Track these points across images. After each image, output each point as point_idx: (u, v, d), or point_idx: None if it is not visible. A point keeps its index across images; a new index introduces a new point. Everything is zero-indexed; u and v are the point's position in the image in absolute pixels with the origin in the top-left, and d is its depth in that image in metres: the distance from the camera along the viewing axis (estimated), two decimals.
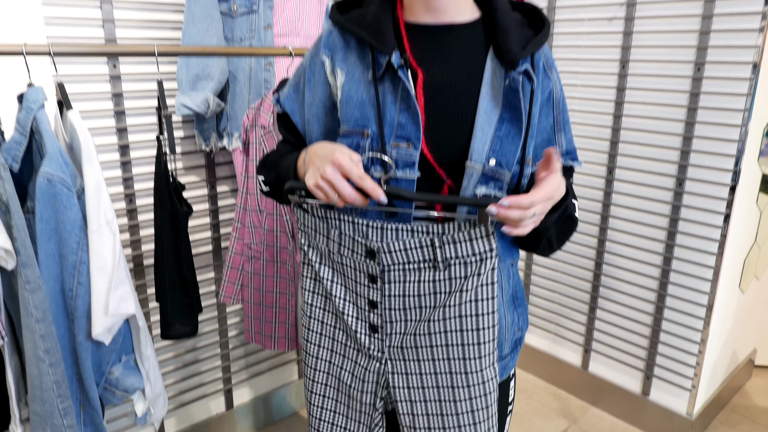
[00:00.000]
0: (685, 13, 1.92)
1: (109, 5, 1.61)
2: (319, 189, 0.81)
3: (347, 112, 0.90)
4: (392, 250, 0.85)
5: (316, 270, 0.94)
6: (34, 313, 1.01)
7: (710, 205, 1.96)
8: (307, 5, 1.82)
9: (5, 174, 0.99)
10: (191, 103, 1.63)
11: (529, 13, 0.96)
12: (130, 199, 1.77)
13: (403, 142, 0.87)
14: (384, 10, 0.90)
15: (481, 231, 0.82)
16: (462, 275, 0.85)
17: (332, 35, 0.94)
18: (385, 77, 0.88)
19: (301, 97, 0.99)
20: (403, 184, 0.88)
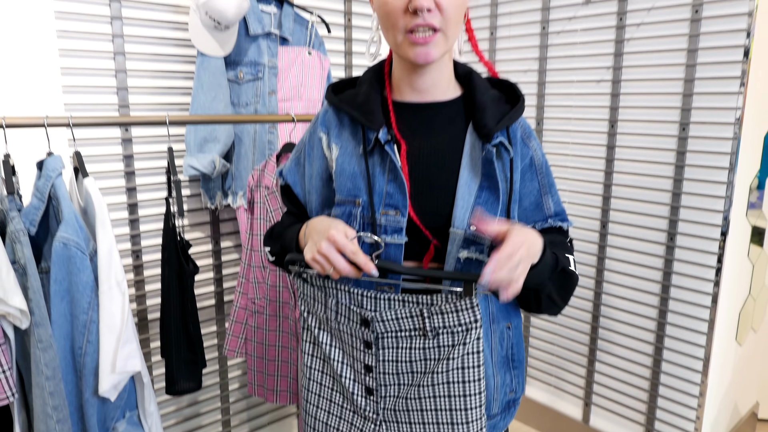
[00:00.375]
0: (669, 76, 2.03)
1: (123, 74, 1.71)
2: (316, 262, 0.88)
3: (341, 183, 0.97)
4: (385, 319, 0.91)
5: (315, 335, 0.99)
6: (44, 370, 1.06)
7: (702, 259, 2.01)
8: (310, 71, 1.93)
9: (24, 239, 1.06)
10: (198, 164, 1.71)
11: (506, 89, 1.05)
12: (137, 255, 1.83)
13: (391, 209, 0.94)
14: (374, 90, 0.99)
15: (466, 303, 0.87)
16: (449, 344, 0.90)
17: (328, 114, 1.03)
18: (374, 151, 0.96)
19: (301, 170, 1.07)
20: (392, 248, 0.94)
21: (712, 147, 1.95)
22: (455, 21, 0.91)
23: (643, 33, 2.09)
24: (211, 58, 1.71)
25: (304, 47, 1.92)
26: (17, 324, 1.07)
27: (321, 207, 1.03)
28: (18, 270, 1.06)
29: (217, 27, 1.65)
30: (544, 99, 2.41)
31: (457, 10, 0.90)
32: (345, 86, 1.06)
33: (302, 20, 1.94)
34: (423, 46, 0.89)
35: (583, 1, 2.24)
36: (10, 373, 1.07)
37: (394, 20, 0.89)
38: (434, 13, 0.87)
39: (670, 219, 2.07)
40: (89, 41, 1.67)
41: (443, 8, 0.88)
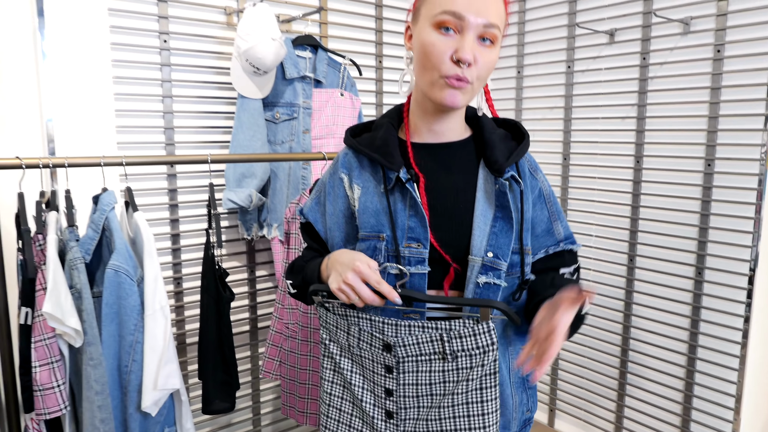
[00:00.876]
0: (693, 113, 2.07)
1: (170, 115, 1.87)
2: (342, 292, 0.96)
3: (365, 220, 1.06)
4: (406, 344, 0.97)
5: (336, 361, 1.06)
6: (94, 386, 1.16)
7: (732, 294, 2.01)
8: (342, 111, 2.05)
9: (81, 266, 1.18)
10: (236, 198, 1.83)
11: (511, 128, 1.13)
12: (178, 282, 1.96)
13: (413, 242, 1.02)
14: (391, 134, 1.08)
15: (483, 327, 0.94)
16: (468, 366, 0.96)
17: (347, 156, 1.13)
18: (395, 189, 1.04)
19: (322, 209, 1.16)
20: (416, 278, 1.02)
21: (738, 182, 1.97)
22: (483, 78, 1.00)
23: (666, 71, 2.15)
24: (251, 99, 1.85)
25: (336, 89, 2.05)
26: (72, 342, 1.18)
27: (344, 242, 1.11)
28: (74, 294, 1.18)
29: (256, 72, 1.79)
30: (570, 135, 2.47)
31: (488, 70, 1.00)
32: (362, 130, 1.15)
33: (335, 64, 2.07)
34: (455, 90, 0.97)
35: (607, 40, 2.31)
36: (64, 387, 1.18)
37: (437, 63, 0.97)
38: (472, 67, 0.96)
39: (698, 254, 2.08)
40: (141, 86, 1.83)
41: (479, 65, 0.97)
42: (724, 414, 2.05)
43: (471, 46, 0.94)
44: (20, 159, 1.24)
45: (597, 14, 2.34)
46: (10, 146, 1.63)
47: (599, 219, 2.39)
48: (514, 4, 2.64)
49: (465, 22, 0.94)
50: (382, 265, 1.02)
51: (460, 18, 0.94)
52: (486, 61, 0.97)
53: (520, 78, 2.65)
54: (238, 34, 1.75)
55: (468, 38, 0.94)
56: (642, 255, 2.25)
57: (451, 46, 0.95)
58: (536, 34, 2.58)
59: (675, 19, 2.07)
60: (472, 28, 0.94)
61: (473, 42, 0.95)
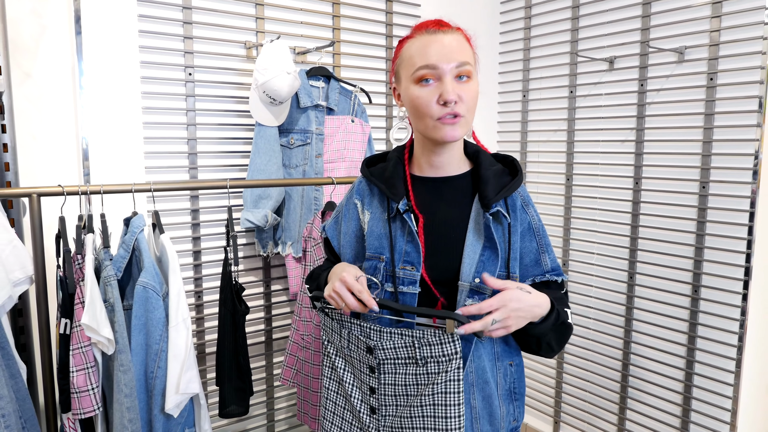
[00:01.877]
0: (688, 138, 2.16)
1: (194, 142, 2.03)
2: (331, 298, 1.11)
3: (370, 242, 1.20)
4: (385, 347, 1.11)
5: (333, 360, 1.21)
6: (124, 389, 1.31)
7: (726, 312, 2.09)
8: (352, 137, 2.19)
9: (114, 283, 1.33)
10: (253, 218, 1.98)
11: (509, 164, 1.25)
12: (198, 295, 2.11)
13: (408, 265, 1.16)
14: (397, 166, 1.22)
15: (449, 337, 1.06)
16: (435, 371, 1.09)
17: (362, 184, 1.28)
18: (396, 217, 1.18)
19: (339, 227, 1.31)
20: (407, 296, 1.15)
21: (731, 204, 2.06)
22: (472, 109, 1.14)
23: (663, 97, 2.25)
24: (267, 127, 2.00)
25: (347, 116, 2.20)
26: (105, 350, 1.33)
27: (353, 259, 1.27)
28: (108, 307, 1.33)
29: (272, 102, 1.94)
30: (572, 156, 2.58)
31: (474, 101, 1.13)
32: (377, 160, 1.30)
33: (346, 92, 2.22)
34: (451, 126, 1.11)
35: (607, 67, 2.42)
36: (97, 389, 1.33)
37: (427, 111, 1.11)
38: (459, 103, 1.10)
39: (695, 272, 2.17)
40: (168, 115, 2.00)
41: (464, 99, 1.10)
42: (720, 428, 2.13)
43: (452, 87, 1.09)
44: (62, 187, 1.40)
45: (597, 42, 2.45)
46: (51, 170, 1.80)
47: (600, 237, 2.49)
48: (519, 32, 2.77)
49: (440, 70, 1.09)
50: (369, 279, 1.16)
51: (434, 68, 1.09)
52: (469, 95, 1.11)
53: (526, 102, 2.77)
54: (256, 68, 1.91)
55: (447, 81, 1.09)
56: (641, 273, 2.34)
57: (435, 93, 1.10)
58: (540, 60, 2.70)
59: (670, 48, 2.17)
60: (448, 72, 1.09)
61: (452, 83, 1.09)
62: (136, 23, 1.91)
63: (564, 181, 2.63)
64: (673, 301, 2.24)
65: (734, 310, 2.07)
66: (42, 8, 1.75)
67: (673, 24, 2.20)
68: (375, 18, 2.43)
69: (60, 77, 1.80)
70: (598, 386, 2.53)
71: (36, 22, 1.75)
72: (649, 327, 2.33)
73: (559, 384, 2.71)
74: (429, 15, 2.59)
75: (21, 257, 1.43)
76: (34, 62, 1.75)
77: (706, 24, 2.11)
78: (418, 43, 1.11)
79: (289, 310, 2.34)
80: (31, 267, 1.45)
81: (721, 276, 2.09)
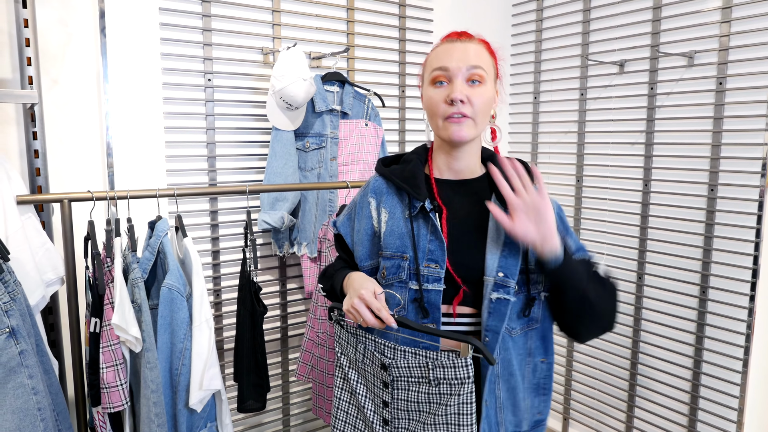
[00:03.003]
0: (697, 141, 2.19)
1: (213, 145, 2.10)
2: (350, 313, 1.14)
3: (390, 241, 1.23)
4: (399, 366, 1.15)
5: (346, 372, 1.24)
6: (150, 385, 1.38)
7: (734, 313, 2.12)
8: (366, 140, 2.24)
9: (141, 284, 1.41)
10: (270, 220, 2.05)
11: None
12: (217, 293, 2.18)
13: (432, 263, 1.19)
14: (419, 168, 1.26)
15: (462, 361, 1.09)
16: (448, 392, 1.12)
17: (378, 182, 1.31)
18: (419, 216, 1.22)
19: (352, 224, 1.35)
20: (432, 293, 1.18)
21: (739, 207, 2.09)
22: (482, 113, 1.18)
23: (672, 101, 2.28)
24: (284, 131, 2.06)
25: (361, 119, 2.25)
26: (132, 348, 1.41)
27: (366, 257, 1.29)
28: (135, 308, 1.41)
29: (289, 108, 2.00)
30: (583, 158, 2.62)
31: (484, 105, 1.17)
32: (391, 162, 1.35)
33: (360, 96, 2.27)
34: (457, 125, 1.16)
35: (617, 71, 2.45)
36: (125, 385, 1.40)
37: (436, 109, 1.17)
38: (466, 104, 1.15)
39: (702, 273, 2.20)
40: (188, 120, 2.07)
41: (473, 101, 1.16)
42: (727, 426, 2.16)
43: (460, 88, 1.15)
44: (91, 192, 1.47)
45: (608, 46, 2.48)
46: (77, 173, 1.88)
47: (609, 238, 2.53)
48: (531, 34, 2.80)
49: (451, 72, 1.15)
50: (393, 286, 1.20)
51: (446, 69, 1.15)
52: (479, 99, 1.16)
53: (537, 104, 2.81)
54: (273, 75, 1.97)
55: (457, 83, 1.15)
56: (650, 273, 2.38)
57: (445, 93, 1.16)
58: (551, 63, 2.74)
59: (680, 53, 2.20)
60: (459, 74, 1.15)
61: (462, 85, 1.15)
62: (158, 31, 1.97)
63: (574, 183, 2.66)
64: (681, 301, 2.28)
65: (742, 311, 2.10)
66: (68, 17, 1.82)
67: (682, 29, 2.22)
68: (388, 23, 2.48)
69: (86, 84, 1.88)
70: (607, 384, 2.58)
71: (63, 30, 1.82)
72: (657, 327, 2.37)
73: (568, 381, 2.76)
74: (441, 21, 2.65)
75: (53, 259, 1.50)
76: (61, 70, 1.83)
77: (716, 29, 2.13)
78: (439, 50, 1.19)
79: (305, 308, 2.40)
80: (62, 268, 1.52)
81: (729, 277, 2.13)
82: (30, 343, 1.27)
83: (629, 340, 2.47)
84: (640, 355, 2.43)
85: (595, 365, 2.63)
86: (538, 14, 2.77)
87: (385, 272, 1.24)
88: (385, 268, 1.23)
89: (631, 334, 2.46)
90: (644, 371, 2.43)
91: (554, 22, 2.71)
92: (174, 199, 1.64)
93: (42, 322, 1.48)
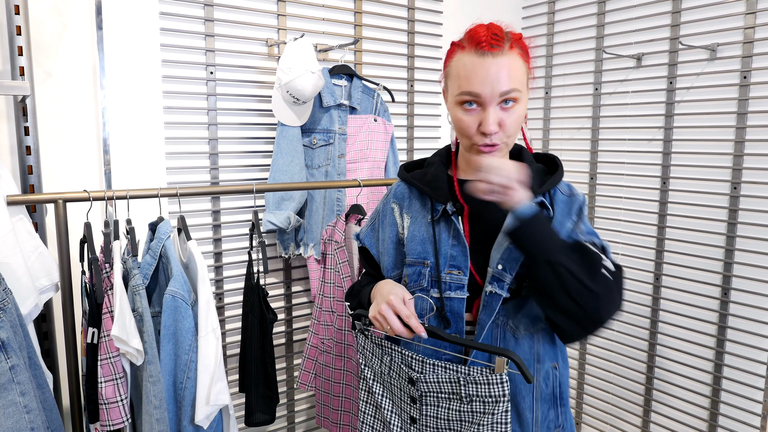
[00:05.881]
0: (719, 137, 2.11)
1: (215, 142, 1.99)
2: (376, 320, 1.05)
3: (412, 247, 1.15)
4: (428, 381, 1.06)
5: (370, 385, 1.16)
6: (153, 401, 1.28)
7: (757, 315, 2.05)
8: (375, 136, 2.15)
9: (142, 292, 1.30)
10: (276, 220, 1.94)
11: (549, 162, 1.22)
12: (219, 298, 2.08)
13: (455, 270, 1.11)
14: (441, 170, 1.18)
15: (497, 378, 1.01)
16: (481, 411, 1.03)
17: (400, 188, 1.24)
18: (441, 220, 1.14)
19: (376, 235, 1.26)
20: (455, 302, 1.10)
21: (764, 206, 2.01)
22: (515, 132, 1.09)
23: (693, 96, 2.19)
24: (290, 127, 1.96)
25: (370, 115, 2.15)
26: (133, 361, 1.30)
27: (392, 266, 1.21)
28: (136, 317, 1.30)
29: (296, 102, 1.90)
30: (597, 155, 2.53)
31: (516, 126, 1.08)
32: (413, 167, 1.27)
33: (369, 90, 2.17)
34: (488, 153, 1.08)
35: (634, 64, 2.36)
36: (126, 401, 1.30)
37: (467, 135, 1.08)
38: (499, 133, 1.06)
39: (724, 275, 2.12)
40: (189, 115, 1.96)
41: (506, 126, 1.06)
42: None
43: (493, 118, 1.04)
44: (88, 192, 1.37)
45: (624, 39, 2.40)
46: (72, 171, 1.77)
47: (625, 238, 2.44)
48: (543, 27, 2.71)
49: (483, 98, 1.04)
50: (416, 294, 1.11)
51: (477, 96, 1.04)
52: (512, 121, 1.07)
53: (548, 99, 2.72)
54: (279, 68, 1.87)
55: (489, 111, 1.04)
56: (668, 274, 2.30)
57: (476, 120, 1.06)
58: (564, 57, 2.64)
59: (702, 45, 2.11)
60: (491, 101, 1.04)
61: (494, 112, 1.05)
62: (158, 21, 1.87)
63: (587, 180, 2.58)
64: (702, 303, 2.20)
65: (765, 314, 2.02)
66: (63, 6, 1.71)
67: (704, 20, 2.13)
68: (397, 14, 2.38)
69: (81, 76, 1.77)
70: (622, 388, 2.50)
71: (57, 20, 1.71)
72: (675, 329, 2.29)
73: (580, 384, 2.68)
74: (451, 11, 2.55)
75: (47, 264, 1.40)
76: (55, 61, 1.72)
77: (740, 20, 2.04)
78: (467, 62, 1.06)
79: (311, 312, 2.31)
80: (56, 274, 1.42)
81: (752, 278, 2.05)
82: (22, 357, 1.17)
83: (645, 342, 2.39)
84: (657, 359, 2.35)
85: (609, 368, 2.54)
86: (550, 6, 2.68)
87: (407, 279, 1.16)
88: (407, 275, 1.15)
89: (648, 337, 2.38)
90: (661, 375, 2.35)
91: (567, 15, 2.62)
92: (175, 199, 1.53)
93: (35, 332, 1.38)
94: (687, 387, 2.26)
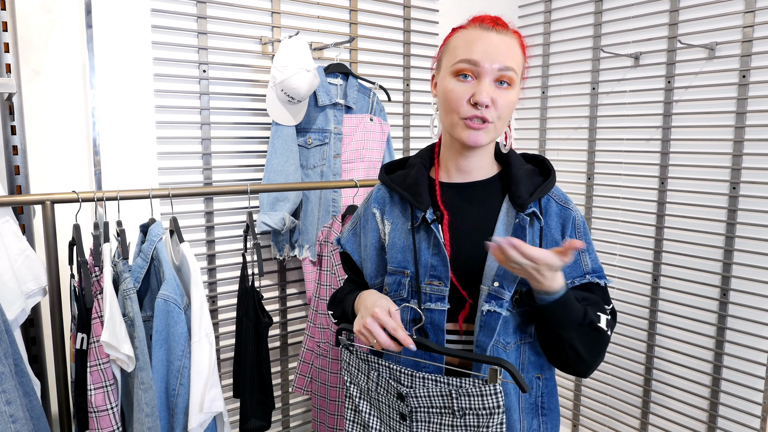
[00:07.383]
0: (718, 137, 2.09)
1: (208, 141, 1.95)
2: (361, 334, 1.01)
3: (392, 255, 1.11)
4: (418, 395, 1.01)
5: (356, 403, 1.10)
6: (144, 408, 1.24)
7: (756, 316, 2.03)
8: (371, 136, 2.11)
9: (133, 296, 1.26)
10: (270, 221, 1.91)
11: (539, 164, 1.17)
12: (213, 300, 2.04)
13: (435, 280, 1.07)
14: (422, 173, 1.13)
15: (491, 389, 0.96)
16: (475, 424, 0.98)
17: (380, 192, 1.19)
18: (421, 227, 1.09)
19: (358, 239, 1.22)
20: (435, 314, 1.06)
21: (763, 206, 1.99)
22: (504, 118, 1.05)
23: (691, 95, 2.17)
24: (285, 126, 1.92)
25: (366, 114, 2.12)
26: (124, 367, 1.26)
27: (375, 273, 1.17)
28: (127, 322, 1.26)
29: (291, 101, 1.86)
30: (594, 155, 2.51)
31: (508, 109, 1.04)
32: (396, 167, 1.21)
33: (365, 89, 2.14)
34: (476, 131, 1.03)
35: (632, 63, 2.34)
36: (116, 409, 1.26)
37: (456, 107, 1.03)
38: (490, 108, 1.02)
39: (723, 275, 2.10)
40: (181, 114, 1.92)
41: (498, 106, 1.02)
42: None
43: (487, 90, 1.00)
44: (77, 193, 1.33)
45: (622, 38, 2.38)
46: (61, 171, 1.72)
47: (623, 239, 2.42)
48: (539, 26, 2.68)
49: (481, 68, 1.00)
50: (401, 305, 1.07)
51: (476, 65, 1.00)
52: (504, 102, 1.03)
53: (545, 98, 2.69)
54: (274, 65, 1.83)
55: (484, 83, 1.01)
56: (666, 275, 2.28)
57: (469, 91, 1.01)
58: (561, 56, 2.62)
59: (700, 44, 2.10)
60: (488, 73, 1.01)
61: (490, 86, 1.01)
62: (149, 17, 1.83)
63: (585, 181, 2.55)
64: (700, 304, 2.18)
65: (765, 314, 2.00)
66: (52, 2, 1.67)
67: (702, 19, 2.12)
68: (393, 12, 2.35)
69: (70, 75, 1.73)
70: (620, 390, 2.48)
71: (45, 17, 1.67)
72: (674, 331, 2.27)
73: (578, 387, 2.66)
74: (448, 8, 2.52)
75: (34, 267, 1.36)
76: (44, 59, 1.67)
77: (739, 19, 2.03)
78: (468, 35, 1.03)
79: (305, 315, 2.27)
80: (44, 277, 1.38)
81: (752, 279, 2.03)
82: (7, 365, 1.13)
83: (644, 344, 2.37)
84: (655, 361, 2.33)
85: (607, 370, 2.52)
86: (547, 4, 2.65)
87: (387, 289, 1.11)
88: (388, 284, 1.11)
89: (646, 338, 2.36)
90: (660, 377, 2.33)
91: (564, 13, 2.60)
92: (167, 200, 1.49)
93: (22, 338, 1.34)
94: (685, 388, 2.24)
